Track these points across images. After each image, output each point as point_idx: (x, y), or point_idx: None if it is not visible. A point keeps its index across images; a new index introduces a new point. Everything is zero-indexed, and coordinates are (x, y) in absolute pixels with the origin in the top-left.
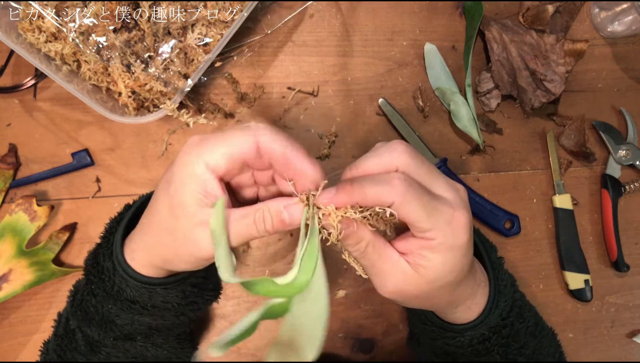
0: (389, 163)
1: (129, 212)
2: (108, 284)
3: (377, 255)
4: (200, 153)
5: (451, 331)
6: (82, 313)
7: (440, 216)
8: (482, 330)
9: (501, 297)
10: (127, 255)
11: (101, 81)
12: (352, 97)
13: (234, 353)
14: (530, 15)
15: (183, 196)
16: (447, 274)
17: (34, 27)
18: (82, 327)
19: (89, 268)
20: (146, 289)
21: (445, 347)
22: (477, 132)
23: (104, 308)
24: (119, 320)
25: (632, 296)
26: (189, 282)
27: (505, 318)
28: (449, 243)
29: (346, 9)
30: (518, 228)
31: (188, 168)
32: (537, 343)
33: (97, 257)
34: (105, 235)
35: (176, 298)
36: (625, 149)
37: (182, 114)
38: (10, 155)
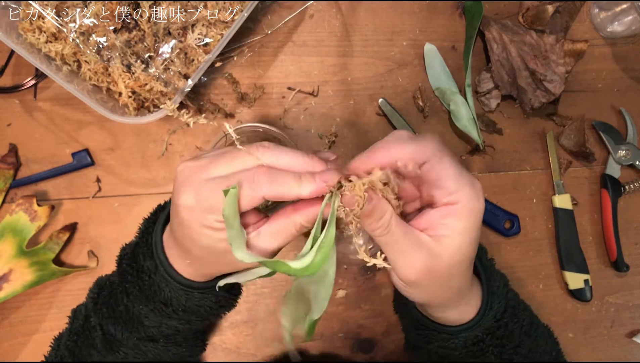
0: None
1: (164, 213)
2: (147, 283)
3: (401, 230)
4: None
5: (445, 333)
6: (109, 311)
7: (466, 178)
8: (476, 331)
9: (495, 298)
10: (172, 260)
11: (101, 81)
12: (352, 97)
13: (234, 353)
14: (530, 15)
15: (221, 247)
16: (467, 244)
17: (34, 27)
18: (104, 325)
19: (126, 267)
20: (184, 291)
21: (439, 350)
22: (477, 133)
23: (134, 307)
24: (147, 321)
25: (631, 296)
26: (223, 288)
27: (500, 319)
28: (470, 207)
29: (346, 9)
30: (518, 228)
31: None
32: (532, 342)
33: (137, 257)
34: (143, 235)
35: (210, 302)
36: (625, 149)
37: (182, 114)
38: (10, 155)
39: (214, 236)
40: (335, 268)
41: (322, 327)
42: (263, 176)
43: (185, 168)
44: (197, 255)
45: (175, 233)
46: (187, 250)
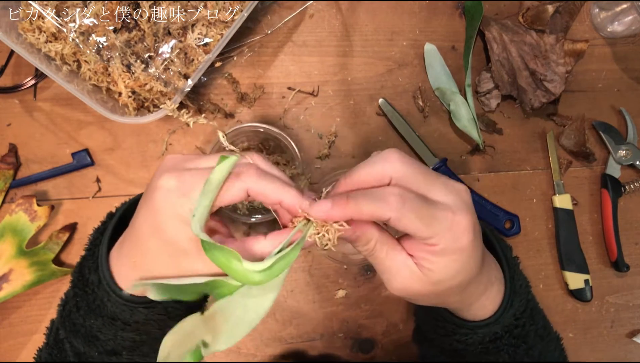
0: (383, 172)
1: (112, 222)
2: (91, 297)
3: (384, 253)
4: (183, 201)
5: (465, 328)
6: (70, 325)
7: (440, 223)
8: (495, 328)
9: (516, 297)
10: (116, 272)
11: (101, 81)
12: (352, 97)
13: (234, 353)
14: (530, 15)
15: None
16: (453, 276)
17: (34, 27)
18: (69, 338)
19: (75, 280)
20: (127, 307)
21: (455, 344)
22: (477, 133)
23: (86, 322)
24: (102, 335)
25: (632, 296)
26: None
27: (519, 318)
28: (451, 248)
29: (346, 9)
30: (518, 228)
31: (178, 217)
32: (543, 345)
33: (83, 270)
34: (90, 246)
35: (158, 315)
36: (625, 149)
37: (182, 114)
38: (10, 155)
39: (181, 230)
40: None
41: (322, 326)
42: (253, 170)
43: (173, 156)
44: (152, 249)
45: (136, 221)
46: (142, 241)
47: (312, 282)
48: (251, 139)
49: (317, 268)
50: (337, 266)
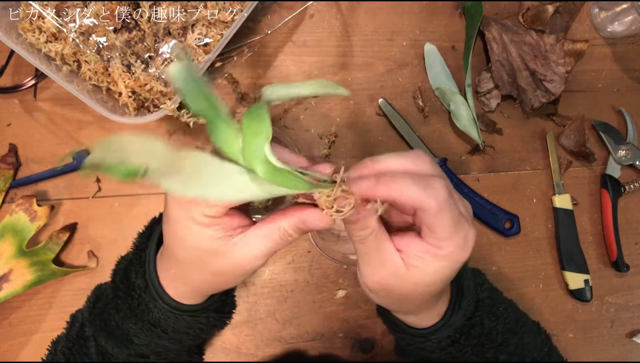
0: (414, 166)
1: (159, 227)
2: (135, 302)
3: (375, 245)
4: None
5: (418, 336)
6: (102, 324)
7: (462, 229)
8: (447, 332)
9: (464, 298)
10: (163, 279)
11: (101, 81)
12: (352, 97)
13: (234, 353)
14: (530, 15)
15: (208, 246)
16: (436, 282)
17: (34, 27)
18: (97, 337)
19: (118, 283)
20: (173, 314)
21: (420, 353)
22: (477, 133)
23: (124, 324)
24: (137, 339)
25: (631, 296)
26: (212, 308)
27: (471, 318)
28: (453, 256)
29: (346, 9)
30: (518, 228)
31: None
32: (518, 339)
33: (129, 274)
34: (136, 251)
35: (200, 324)
36: (625, 149)
37: (182, 114)
38: (10, 155)
39: (201, 233)
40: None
41: (322, 327)
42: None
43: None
44: (182, 258)
45: (164, 236)
46: (173, 254)
47: (312, 282)
48: None
49: (317, 268)
50: (337, 266)
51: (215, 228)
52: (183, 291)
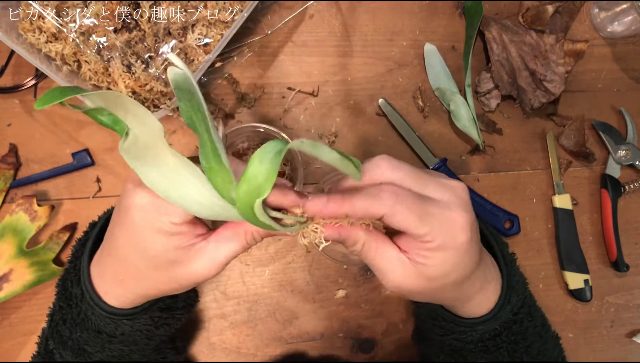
0: (373, 179)
1: (93, 233)
2: (75, 311)
3: (374, 252)
4: (161, 216)
5: (463, 325)
6: (58, 336)
7: (435, 219)
8: (494, 324)
9: (513, 292)
10: (99, 286)
11: (102, 81)
12: (352, 97)
13: (234, 353)
14: (530, 15)
15: (170, 256)
16: (448, 272)
17: (34, 28)
18: (59, 350)
19: (59, 293)
20: (111, 319)
21: (454, 343)
22: (477, 133)
23: (73, 334)
24: (89, 347)
25: (631, 296)
26: (156, 307)
27: (517, 314)
28: (448, 244)
29: (346, 9)
30: (518, 228)
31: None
32: (542, 344)
33: (65, 282)
34: (72, 259)
35: (144, 326)
36: (624, 149)
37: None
38: (10, 155)
39: (167, 243)
40: None
41: (322, 327)
42: None
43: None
44: (136, 266)
45: (114, 241)
46: (125, 260)
47: (312, 282)
48: (251, 139)
49: (317, 268)
50: (337, 266)
51: (179, 237)
52: (124, 297)
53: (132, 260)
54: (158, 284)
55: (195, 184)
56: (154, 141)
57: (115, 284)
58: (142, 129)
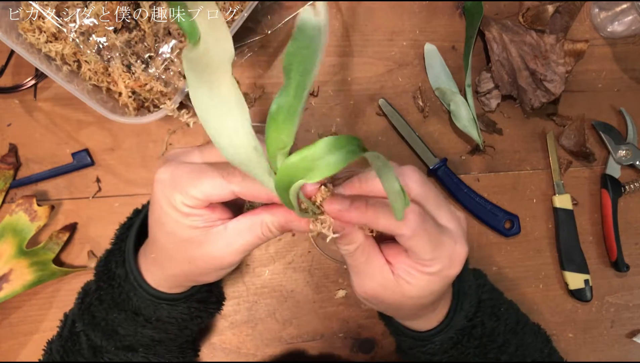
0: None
1: (139, 218)
2: (117, 291)
3: (364, 258)
4: (176, 195)
5: (420, 339)
6: (89, 317)
7: (444, 249)
8: (449, 333)
9: (465, 299)
10: (144, 270)
11: (101, 81)
12: (352, 97)
13: (234, 353)
14: (530, 15)
15: (185, 234)
16: (426, 296)
17: (34, 28)
18: (87, 331)
19: (100, 274)
20: (152, 302)
21: (421, 356)
22: (477, 133)
23: (109, 315)
24: (122, 330)
25: (632, 296)
26: (195, 298)
27: (472, 319)
28: (442, 273)
29: (346, 9)
30: (518, 228)
31: (174, 209)
32: (519, 339)
33: (109, 264)
34: (117, 241)
35: (181, 314)
36: (625, 149)
37: (182, 114)
38: (10, 155)
39: (180, 221)
40: None
41: (322, 326)
42: (238, 170)
43: (175, 150)
44: (162, 244)
45: (149, 218)
46: (154, 238)
47: (312, 282)
48: None
49: (317, 268)
50: (337, 266)
51: (194, 218)
52: (160, 277)
53: (157, 236)
54: (183, 266)
55: (236, 122)
56: (219, 62)
57: (151, 262)
58: (215, 45)
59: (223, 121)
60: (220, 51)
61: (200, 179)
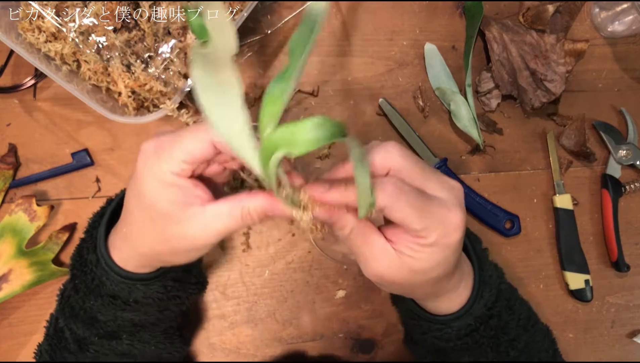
0: (382, 162)
1: (111, 206)
2: (89, 277)
3: (361, 240)
4: (161, 163)
5: (438, 323)
6: (69, 310)
7: (433, 217)
8: (468, 320)
9: (486, 287)
10: (113, 252)
11: (101, 81)
12: (352, 97)
13: (234, 353)
14: (530, 15)
15: (163, 207)
16: (433, 268)
17: (33, 27)
18: (69, 325)
19: (73, 262)
20: (126, 284)
21: (435, 342)
22: (477, 132)
23: (85, 304)
24: (102, 316)
25: (632, 296)
26: (169, 277)
27: (491, 308)
28: (440, 242)
29: (346, 9)
30: (518, 228)
31: (156, 179)
32: (529, 337)
33: (81, 251)
34: (89, 229)
35: (157, 293)
36: (625, 149)
37: (182, 114)
38: (10, 155)
39: (160, 193)
40: None
41: (322, 327)
42: None
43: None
44: (137, 218)
45: (126, 194)
46: (129, 211)
47: (312, 282)
48: None
49: (317, 268)
50: (337, 267)
51: (175, 190)
52: (127, 255)
53: (133, 210)
54: (154, 243)
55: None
56: (223, 55)
57: (121, 240)
58: (220, 41)
59: (224, 108)
60: (225, 44)
61: (182, 139)
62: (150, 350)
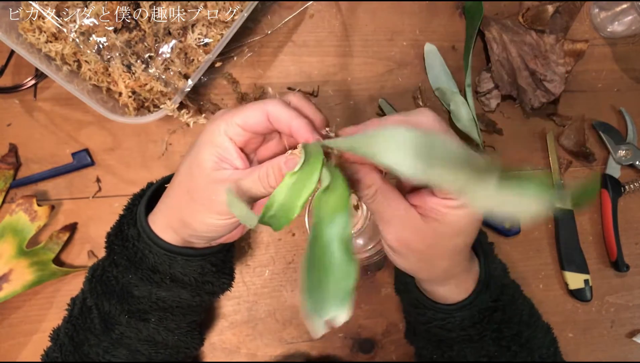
0: (418, 123)
1: (152, 188)
2: (131, 251)
3: (386, 202)
4: (220, 124)
5: (442, 312)
6: (102, 287)
7: None
8: (472, 311)
9: (491, 280)
10: (150, 221)
11: (101, 81)
12: (352, 97)
13: (234, 353)
14: (530, 15)
15: (202, 158)
16: (457, 233)
17: (34, 27)
18: (99, 303)
19: (112, 238)
20: (167, 256)
21: (438, 332)
22: (477, 133)
23: (124, 278)
24: (137, 291)
25: (631, 296)
26: (208, 260)
27: (496, 301)
28: (468, 205)
29: (346, 9)
30: (518, 228)
31: (209, 136)
32: (531, 333)
33: (122, 226)
34: (129, 207)
35: (194, 272)
36: (625, 149)
37: (182, 114)
38: (10, 155)
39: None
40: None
41: None
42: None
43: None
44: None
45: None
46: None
47: None
48: None
49: None
50: None
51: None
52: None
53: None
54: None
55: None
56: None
57: (161, 212)
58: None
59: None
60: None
61: (243, 108)
62: (173, 340)
